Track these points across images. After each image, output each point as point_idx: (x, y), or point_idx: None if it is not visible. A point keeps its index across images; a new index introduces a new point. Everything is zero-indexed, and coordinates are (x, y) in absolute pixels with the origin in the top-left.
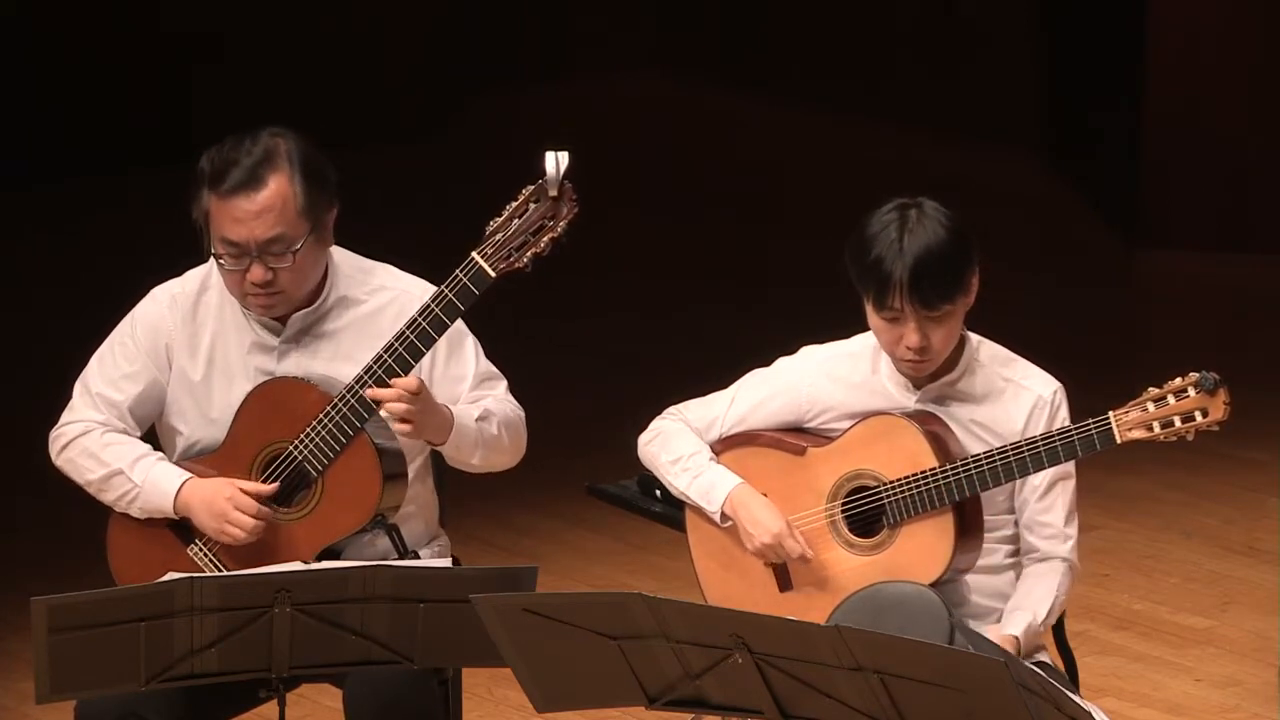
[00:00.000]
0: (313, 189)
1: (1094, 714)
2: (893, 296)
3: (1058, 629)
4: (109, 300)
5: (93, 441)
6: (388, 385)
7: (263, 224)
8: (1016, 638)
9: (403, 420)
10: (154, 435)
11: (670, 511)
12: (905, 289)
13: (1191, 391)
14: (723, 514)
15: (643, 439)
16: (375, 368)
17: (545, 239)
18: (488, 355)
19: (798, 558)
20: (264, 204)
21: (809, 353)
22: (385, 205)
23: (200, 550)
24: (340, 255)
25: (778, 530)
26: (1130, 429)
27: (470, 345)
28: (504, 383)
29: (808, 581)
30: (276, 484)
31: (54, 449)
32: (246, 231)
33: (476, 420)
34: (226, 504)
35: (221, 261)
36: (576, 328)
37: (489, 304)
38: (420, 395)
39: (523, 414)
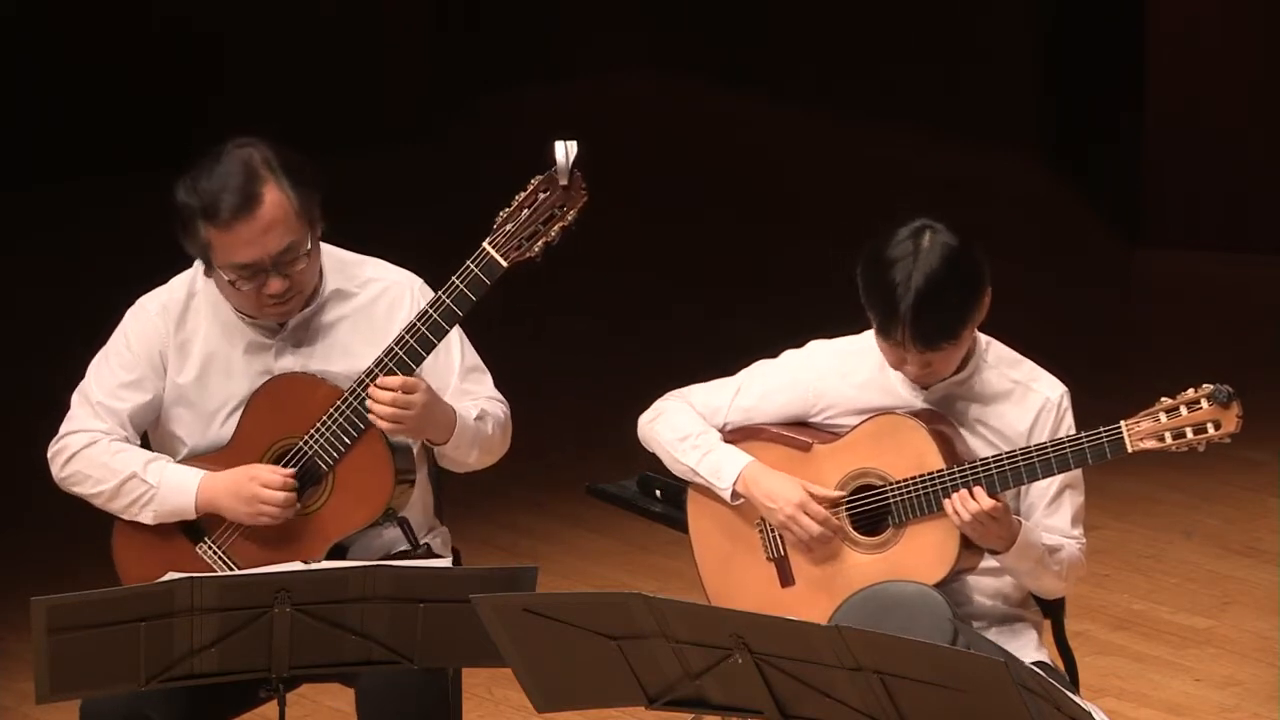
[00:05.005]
0: (300, 188)
1: (1094, 714)
2: (895, 331)
3: (1058, 629)
4: (108, 301)
5: (101, 451)
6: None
7: (273, 239)
8: (1020, 521)
9: (387, 420)
10: (146, 444)
11: (670, 512)
12: (907, 328)
13: (1204, 403)
14: (734, 492)
15: (644, 418)
16: (386, 360)
17: (556, 228)
18: (489, 354)
19: (822, 524)
20: (268, 220)
21: (817, 347)
22: (384, 206)
23: (210, 548)
24: (326, 250)
25: (800, 499)
26: (1142, 439)
27: (456, 336)
28: (489, 376)
29: (810, 577)
30: (293, 466)
31: (57, 464)
32: (260, 250)
33: (475, 419)
34: (253, 485)
35: (236, 284)
36: (576, 327)
37: (487, 302)
38: (415, 395)
39: (508, 410)
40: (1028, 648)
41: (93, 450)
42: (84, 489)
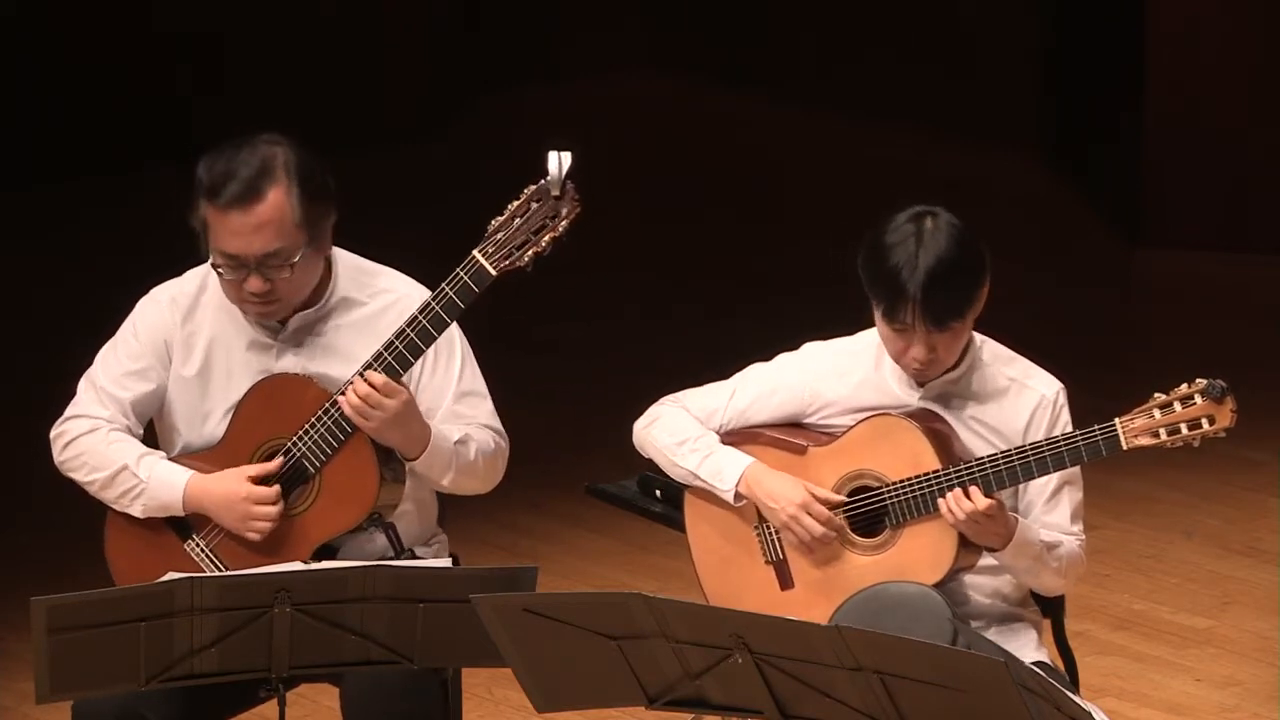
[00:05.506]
0: (310, 200)
1: (1094, 714)
2: (904, 312)
3: (1057, 629)
4: (109, 300)
5: (99, 440)
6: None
7: (261, 238)
8: (1017, 519)
9: (352, 410)
10: (150, 434)
11: (670, 512)
12: (917, 307)
13: (1198, 399)
14: (737, 493)
15: (639, 424)
16: (375, 365)
17: (547, 238)
18: (489, 355)
19: (824, 524)
20: (261, 218)
21: (811, 349)
22: (384, 206)
23: (197, 546)
24: (343, 257)
25: (802, 499)
26: (1136, 436)
27: (459, 358)
28: (489, 404)
29: (809, 580)
30: (280, 459)
31: (57, 446)
32: (244, 245)
33: (455, 443)
34: (245, 503)
35: (220, 271)
36: (577, 328)
37: (488, 303)
38: (391, 399)
39: (505, 444)
40: (1027, 648)
41: (91, 438)
42: (80, 475)
